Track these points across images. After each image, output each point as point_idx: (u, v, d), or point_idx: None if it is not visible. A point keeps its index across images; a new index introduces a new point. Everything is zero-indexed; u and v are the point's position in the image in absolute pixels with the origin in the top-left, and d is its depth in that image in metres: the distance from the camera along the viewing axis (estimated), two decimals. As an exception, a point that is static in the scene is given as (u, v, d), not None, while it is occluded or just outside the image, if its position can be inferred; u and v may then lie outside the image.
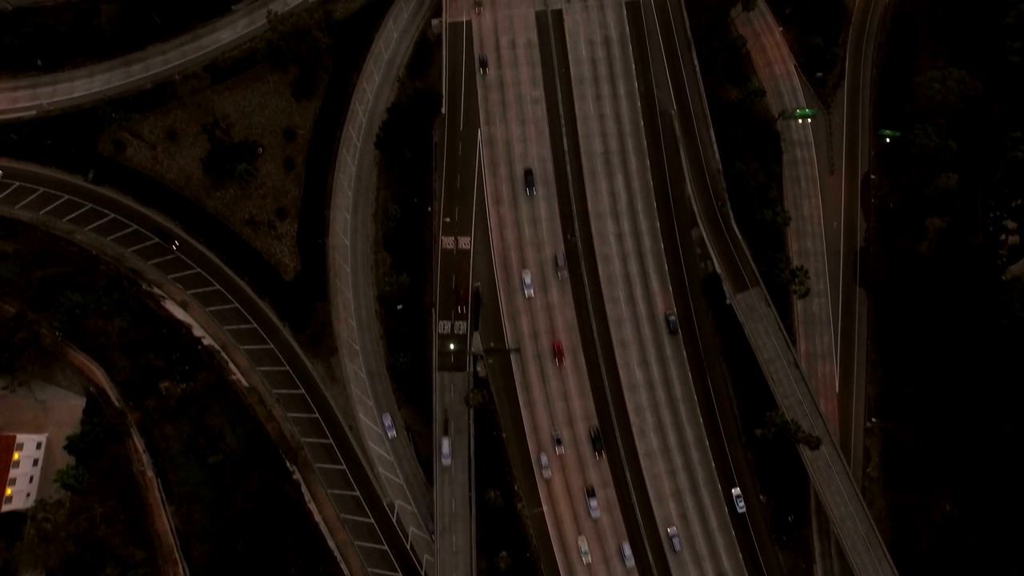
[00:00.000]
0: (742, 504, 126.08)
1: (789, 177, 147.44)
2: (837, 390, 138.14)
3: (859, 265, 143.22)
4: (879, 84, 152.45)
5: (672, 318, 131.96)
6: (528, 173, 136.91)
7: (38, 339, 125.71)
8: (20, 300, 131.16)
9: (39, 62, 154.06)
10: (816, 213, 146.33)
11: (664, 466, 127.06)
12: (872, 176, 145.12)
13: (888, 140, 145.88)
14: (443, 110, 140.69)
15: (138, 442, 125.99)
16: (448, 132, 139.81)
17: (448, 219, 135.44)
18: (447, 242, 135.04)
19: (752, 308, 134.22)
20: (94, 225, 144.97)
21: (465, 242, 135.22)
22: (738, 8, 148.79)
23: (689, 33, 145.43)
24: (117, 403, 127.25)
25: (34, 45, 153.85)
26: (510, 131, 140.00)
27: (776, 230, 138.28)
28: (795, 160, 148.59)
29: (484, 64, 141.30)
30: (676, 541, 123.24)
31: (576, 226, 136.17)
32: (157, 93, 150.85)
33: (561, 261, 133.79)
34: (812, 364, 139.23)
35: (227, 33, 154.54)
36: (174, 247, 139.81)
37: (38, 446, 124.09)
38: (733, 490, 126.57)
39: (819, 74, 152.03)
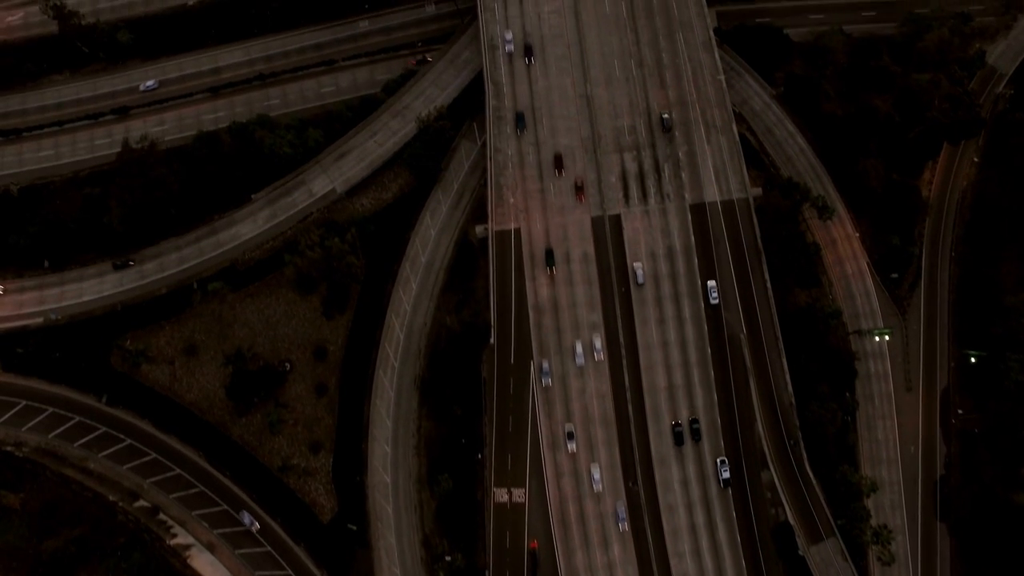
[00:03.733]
0: None
1: (862, 395, 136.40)
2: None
3: (939, 497, 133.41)
4: (959, 286, 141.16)
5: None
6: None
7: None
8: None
9: (46, 263, 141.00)
10: (891, 436, 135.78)
11: None
12: (959, 411, 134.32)
13: (973, 360, 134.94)
14: (492, 340, 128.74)
15: None
16: (498, 367, 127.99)
17: (500, 469, 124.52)
18: (500, 494, 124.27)
19: (828, 563, 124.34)
20: (109, 451, 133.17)
21: (519, 494, 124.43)
22: (812, 211, 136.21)
23: (759, 242, 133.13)
24: None
25: (41, 243, 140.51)
26: (565, 364, 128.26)
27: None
28: (868, 374, 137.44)
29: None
30: None
31: (638, 473, 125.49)
32: (173, 299, 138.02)
33: (623, 514, 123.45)
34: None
35: (247, 227, 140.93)
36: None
37: None
38: None
39: (894, 275, 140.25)
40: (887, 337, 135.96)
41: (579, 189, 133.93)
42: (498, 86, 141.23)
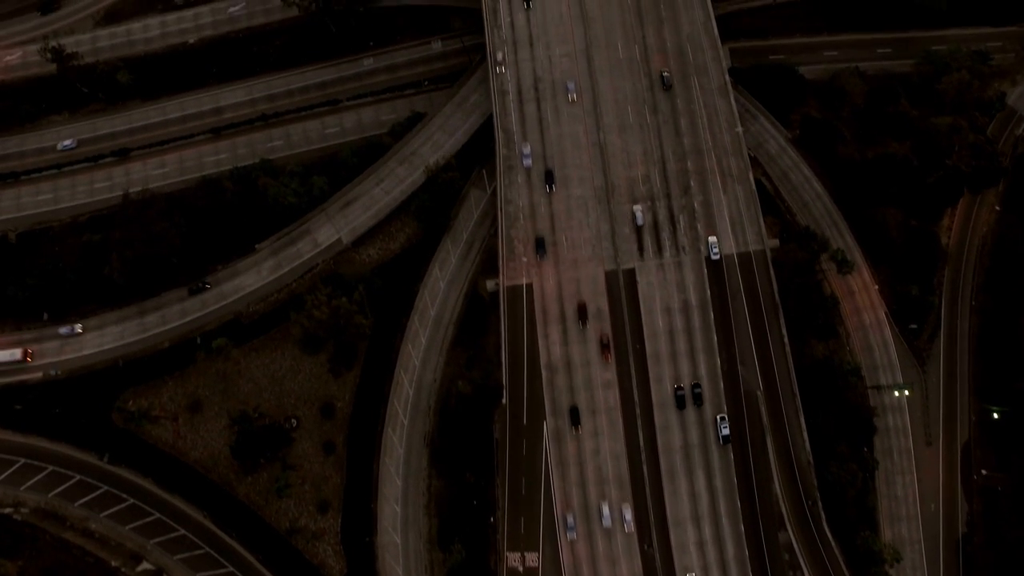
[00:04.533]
0: None
1: (881, 449, 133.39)
2: None
3: (961, 556, 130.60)
4: (979, 336, 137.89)
5: None
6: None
7: None
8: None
9: (45, 315, 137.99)
10: (911, 492, 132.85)
11: None
12: (983, 471, 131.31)
13: (996, 415, 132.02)
14: (504, 400, 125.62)
15: None
16: (510, 428, 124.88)
17: (513, 533, 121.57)
18: (513, 559, 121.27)
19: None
20: (111, 511, 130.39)
21: (532, 559, 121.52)
22: (830, 263, 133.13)
23: (777, 296, 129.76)
24: None
25: (40, 294, 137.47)
26: (580, 424, 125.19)
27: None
28: (886, 428, 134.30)
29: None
30: None
31: (653, 535, 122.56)
32: (176, 353, 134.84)
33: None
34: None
35: (251, 278, 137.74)
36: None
37: None
38: None
39: (913, 326, 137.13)
40: (907, 393, 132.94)
41: (604, 347, 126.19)
42: (508, 134, 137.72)
